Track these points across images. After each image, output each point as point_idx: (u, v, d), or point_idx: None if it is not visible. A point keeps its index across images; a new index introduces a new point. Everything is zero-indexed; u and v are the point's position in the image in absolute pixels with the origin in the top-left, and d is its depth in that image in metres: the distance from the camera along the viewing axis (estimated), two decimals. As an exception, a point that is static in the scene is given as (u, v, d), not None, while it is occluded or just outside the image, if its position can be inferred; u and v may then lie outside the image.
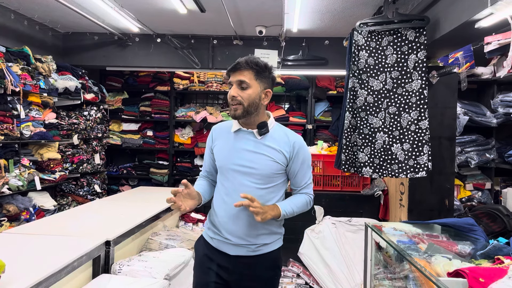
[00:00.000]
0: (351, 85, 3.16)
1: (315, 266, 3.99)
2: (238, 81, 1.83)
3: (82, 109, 4.78)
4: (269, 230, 1.89)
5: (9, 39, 4.00)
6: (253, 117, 1.88)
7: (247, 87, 1.82)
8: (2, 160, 3.47)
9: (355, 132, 3.18)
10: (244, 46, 4.79)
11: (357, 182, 4.24)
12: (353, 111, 3.17)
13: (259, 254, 1.88)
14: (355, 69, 3.13)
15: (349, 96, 3.18)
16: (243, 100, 1.81)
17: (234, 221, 1.87)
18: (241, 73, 1.82)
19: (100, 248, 2.42)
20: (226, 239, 1.88)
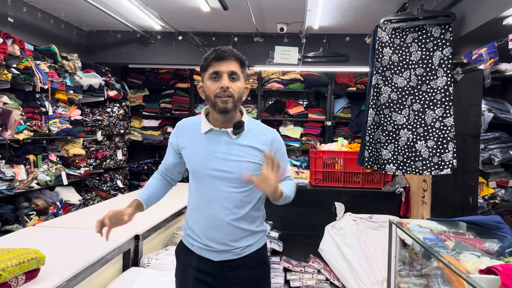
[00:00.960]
0: (374, 82, 3.15)
1: (336, 262, 4.00)
2: (230, 72, 1.62)
3: (105, 105, 4.87)
4: (251, 231, 1.76)
5: (37, 38, 4.09)
6: (235, 112, 1.71)
7: (237, 78, 1.64)
8: (31, 155, 3.56)
9: (378, 129, 3.18)
10: (265, 43, 4.81)
11: (378, 179, 4.23)
12: (377, 108, 3.17)
13: (244, 255, 1.75)
14: (379, 66, 3.13)
15: (372, 93, 3.17)
16: (234, 92, 1.63)
17: (214, 228, 1.72)
18: (230, 63, 1.63)
19: (130, 242, 2.49)
20: (208, 246, 1.73)
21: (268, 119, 5.77)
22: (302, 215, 4.20)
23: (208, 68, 1.64)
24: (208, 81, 1.64)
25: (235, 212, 1.70)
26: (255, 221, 1.78)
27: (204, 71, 1.67)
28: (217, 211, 1.70)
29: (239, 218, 1.71)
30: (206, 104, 1.73)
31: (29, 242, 2.15)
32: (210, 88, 1.63)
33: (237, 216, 1.71)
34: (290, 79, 5.60)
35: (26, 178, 3.46)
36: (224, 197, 1.70)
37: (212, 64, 1.62)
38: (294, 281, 4.01)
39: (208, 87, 1.64)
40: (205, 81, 1.66)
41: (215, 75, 1.62)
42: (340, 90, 5.47)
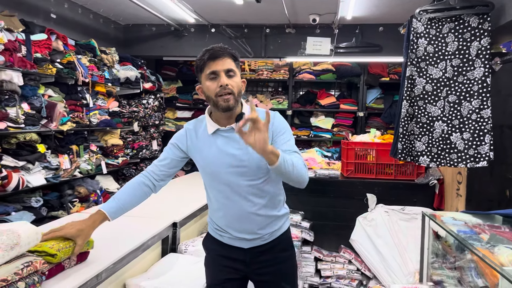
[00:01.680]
0: (408, 74, 3.13)
1: (367, 253, 4.01)
2: (227, 70, 1.64)
3: (141, 97, 5.03)
4: (275, 216, 1.83)
5: (77, 33, 4.27)
6: (237, 107, 1.71)
7: (234, 75, 1.66)
8: (74, 146, 3.75)
9: (412, 121, 3.16)
10: (297, 34, 4.82)
11: (411, 170, 4.19)
12: (411, 100, 3.15)
13: (271, 240, 1.84)
14: (413, 57, 3.10)
15: (406, 84, 3.15)
16: (233, 88, 1.64)
17: (241, 221, 1.79)
18: (225, 60, 1.64)
19: (168, 229, 2.61)
20: (238, 237, 1.82)
21: (299, 110, 5.79)
22: (333, 206, 4.23)
23: (204, 69, 1.65)
24: (207, 81, 1.65)
25: (257, 203, 1.77)
26: (277, 206, 1.85)
27: (201, 72, 1.68)
28: (241, 205, 1.77)
29: (262, 206, 1.78)
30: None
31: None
32: (210, 88, 1.64)
33: (260, 205, 1.78)
34: (321, 69, 5.59)
35: (70, 167, 3.65)
36: (244, 190, 1.75)
37: (208, 64, 1.64)
38: (325, 270, 4.06)
39: (207, 87, 1.66)
40: (204, 82, 1.67)
41: (212, 75, 1.63)
42: (373, 80, 5.41)
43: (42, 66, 3.24)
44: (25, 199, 3.27)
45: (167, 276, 2.26)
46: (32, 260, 1.53)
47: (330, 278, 4.04)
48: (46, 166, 3.38)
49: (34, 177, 3.21)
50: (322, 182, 4.18)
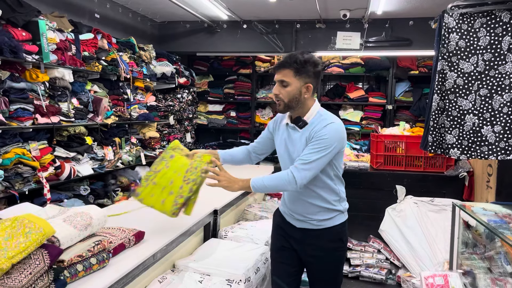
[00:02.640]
0: (440, 68, 3.18)
1: (396, 243, 4.10)
2: (279, 80, 1.98)
3: (176, 92, 5.23)
4: (324, 208, 2.05)
5: (117, 31, 4.50)
6: (296, 110, 2.02)
7: (287, 85, 1.95)
8: (117, 138, 3.98)
9: (443, 114, 3.22)
10: (327, 29, 4.91)
11: (441, 163, 4.25)
12: (442, 94, 3.20)
13: (322, 228, 2.06)
14: (445, 52, 3.15)
15: (437, 78, 3.20)
16: (283, 97, 1.97)
17: (293, 202, 2.11)
18: (281, 72, 1.97)
19: (209, 216, 2.80)
20: (291, 215, 2.13)
21: (328, 103, 5.88)
22: (363, 197, 4.33)
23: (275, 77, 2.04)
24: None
25: (305, 193, 2.05)
26: (326, 200, 2.07)
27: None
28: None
29: (311, 196, 2.05)
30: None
31: (128, 215, 2.51)
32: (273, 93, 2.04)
33: (309, 195, 2.05)
34: (350, 63, 5.66)
35: (113, 158, 3.89)
36: None
37: (275, 73, 2.02)
38: (354, 259, 4.18)
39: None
40: None
41: (274, 83, 2.03)
42: (402, 73, 5.45)
43: (90, 64, 3.47)
44: (75, 188, 3.51)
45: (210, 259, 2.44)
46: (101, 239, 1.74)
47: (359, 266, 4.16)
48: (93, 157, 3.62)
49: (83, 167, 3.45)
50: (352, 174, 4.28)
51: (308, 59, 1.94)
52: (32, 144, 2.98)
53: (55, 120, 3.12)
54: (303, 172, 1.91)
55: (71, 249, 1.60)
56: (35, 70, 2.94)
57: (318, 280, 2.16)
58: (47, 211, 1.78)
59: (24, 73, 2.92)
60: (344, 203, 2.15)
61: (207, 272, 2.26)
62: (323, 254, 2.08)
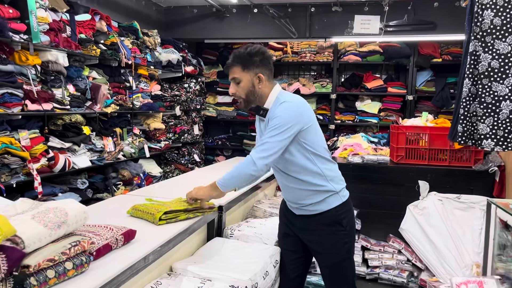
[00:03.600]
0: (472, 49, 2.87)
1: (419, 243, 3.80)
2: (232, 79, 2.00)
3: (182, 81, 4.97)
4: (312, 191, 2.04)
5: (120, 15, 4.24)
6: (257, 102, 2.05)
7: (239, 81, 1.99)
8: (118, 128, 3.74)
9: (475, 101, 2.90)
10: (344, 12, 4.59)
11: (468, 156, 3.90)
12: (474, 78, 2.89)
13: (318, 213, 2.07)
14: (478, 31, 2.83)
15: (469, 61, 2.89)
16: (240, 94, 2.01)
17: (284, 190, 2.20)
18: (230, 70, 2.00)
19: (214, 213, 2.51)
20: (289, 204, 2.20)
21: (344, 93, 5.56)
22: (381, 193, 4.02)
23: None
24: None
25: (287, 177, 2.09)
26: (310, 183, 2.04)
27: None
28: (280, 178, 2.16)
29: (294, 182, 2.06)
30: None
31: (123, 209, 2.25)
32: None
33: (292, 181, 2.07)
34: (368, 51, 5.32)
35: (114, 150, 3.64)
36: (276, 164, 2.09)
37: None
38: (372, 260, 3.88)
39: None
40: None
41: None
42: (424, 61, 5.11)
43: (87, 47, 3.21)
44: (72, 181, 3.28)
45: (213, 260, 2.17)
46: (80, 240, 1.47)
47: (378, 268, 3.86)
48: (91, 148, 3.38)
49: (80, 159, 3.21)
50: (370, 168, 3.98)
51: (251, 51, 1.98)
52: (22, 133, 2.74)
53: (47, 107, 2.88)
54: (261, 153, 1.93)
55: (40, 252, 1.33)
56: (24, 52, 2.70)
57: (324, 267, 2.19)
58: (17, 205, 1.52)
59: (13, 55, 2.67)
60: (335, 182, 2.09)
61: (208, 277, 1.98)
62: (321, 239, 2.11)
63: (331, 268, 2.16)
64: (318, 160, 2.05)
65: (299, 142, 1.99)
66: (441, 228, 3.74)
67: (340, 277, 2.16)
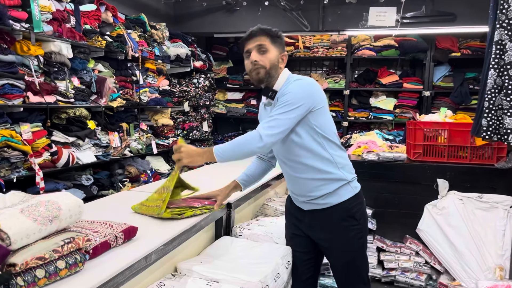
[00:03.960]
0: (497, 38, 2.71)
1: (437, 245, 3.62)
2: (258, 46, 1.82)
3: (191, 76, 4.85)
4: (322, 179, 1.90)
5: (127, 7, 4.13)
6: (273, 81, 1.88)
7: (266, 50, 1.82)
8: (124, 123, 3.62)
9: (501, 93, 2.74)
10: (358, 4, 4.41)
11: (490, 154, 3.70)
12: (500, 68, 2.72)
13: (328, 206, 1.92)
14: (503, 19, 2.67)
15: (494, 51, 2.73)
16: (265, 63, 1.82)
17: (291, 182, 2.02)
18: (257, 38, 1.82)
19: (222, 210, 2.38)
20: (296, 197, 2.04)
21: (358, 89, 5.39)
22: (398, 192, 3.85)
23: (244, 49, 1.87)
24: (245, 60, 1.86)
25: (295, 166, 1.93)
26: (320, 170, 1.89)
27: (242, 52, 1.89)
28: (285, 169, 2.01)
29: (302, 170, 1.91)
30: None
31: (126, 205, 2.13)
32: (246, 65, 1.86)
33: (300, 169, 1.91)
34: (383, 45, 5.14)
35: (120, 146, 3.53)
36: (282, 155, 1.96)
37: (245, 44, 1.85)
38: (388, 262, 3.71)
39: (245, 64, 1.87)
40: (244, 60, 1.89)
41: (247, 53, 1.84)
42: (442, 56, 4.91)
43: (92, 38, 3.10)
44: (76, 177, 3.17)
45: (220, 261, 2.03)
46: (75, 236, 1.34)
47: (394, 270, 3.68)
48: (96, 143, 3.27)
49: (84, 154, 3.10)
50: (386, 166, 3.81)
51: (277, 32, 1.88)
52: (24, 126, 2.63)
53: (50, 99, 2.77)
54: (269, 130, 1.78)
55: (28, 249, 1.20)
56: (26, 42, 2.60)
57: (337, 266, 2.05)
58: (7, 198, 1.40)
59: (14, 44, 2.57)
60: (346, 170, 1.94)
61: (215, 278, 1.84)
62: (333, 235, 1.96)
63: (345, 266, 2.02)
64: (328, 145, 1.91)
65: (309, 123, 1.86)
66: (462, 228, 3.56)
67: (355, 275, 2.03)
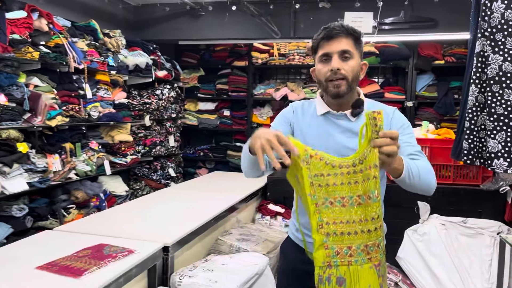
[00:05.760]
0: (479, 49, 2.41)
1: (418, 275, 3.31)
2: (341, 51, 1.48)
3: (154, 87, 4.47)
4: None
5: (76, 13, 3.75)
6: (351, 94, 1.55)
7: (350, 57, 1.49)
8: (68, 144, 3.24)
9: (483, 112, 2.43)
10: (332, 9, 4.09)
11: (475, 173, 3.41)
12: (481, 84, 2.43)
13: None
14: (486, 27, 2.38)
15: (476, 64, 2.43)
16: (347, 73, 1.49)
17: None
18: (340, 41, 1.48)
19: (156, 257, 2.01)
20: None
21: (336, 100, 5.05)
22: (376, 215, 3.51)
23: (318, 50, 1.53)
24: (319, 64, 1.53)
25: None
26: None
27: (314, 53, 1.57)
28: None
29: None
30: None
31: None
32: (321, 72, 1.52)
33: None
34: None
35: (62, 169, 3.14)
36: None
37: (321, 45, 1.51)
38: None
39: (318, 70, 1.54)
40: (316, 64, 1.56)
41: (325, 57, 1.51)
42: (425, 64, 4.60)
43: (20, 50, 2.72)
44: (5, 208, 2.79)
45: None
46: None
47: (371, 304, 3.34)
48: (30, 168, 2.88)
49: (13, 182, 2.72)
50: (362, 187, 3.48)
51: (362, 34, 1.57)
52: None
53: (-35, 122, 2.38)
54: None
55: None
56: None
57: None
58: None
59: None
60: None
61: None
62: None
63: None
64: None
65: None
66: (445, 257, 3.26)
67: None
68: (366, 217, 1.18)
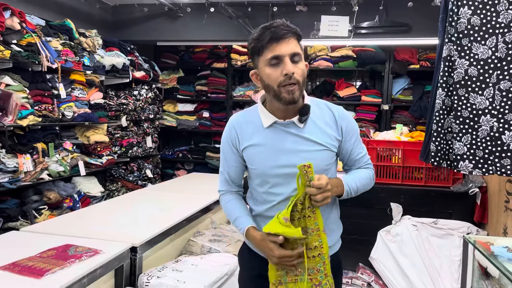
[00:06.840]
0: (446, 54, 2.45)
1: (390, 275, 3.35)
2: (292, 54, 1.37)
3: (132, 88, 4.44)
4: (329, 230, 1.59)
5: (51, 12, 3.71)
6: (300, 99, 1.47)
7: (299, 60, 1.40)
8: (40, 144, 3.20)
9: (450, 115, 2.48)
10: (309, 12, 4.13)
11: (446, 175, 3.46)
12: (448, 88, 2.47)
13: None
14: (453, 32, 2.42)
15: (443, 68, 2.47)
16: (299, 77, 1.39)
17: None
18: (289, 41, 1.37)
19: (123, 257, 2.00)
20: None
21: (315, 102, 5.09)
22: (350, 216, 3.49)
23: (264, 52, 1.38)
24: (267, 68, 1.39)
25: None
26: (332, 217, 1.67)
27: (258, 55, 1.40)
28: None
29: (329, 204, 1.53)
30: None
31: None
32: (271, 76, 1.38)
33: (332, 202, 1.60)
34: (340, 56, 4.87)
35: (34, 169, 3.10)
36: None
37: (269, 47, 1.36)
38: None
39: (267, 75, 1.39)
40: (262, 67, 1.41)
41: (275, 60, 1.37)
42: (400, 68, 4.68)
43: (-11, 48, 2.68)
44: (-27, 209, 2.73)
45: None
46: None
47: (344, 304, 3.38)
48: (0, 168, 2.83)
49: (-20, 183, 2.66)
50: (337, 188, 3.52)
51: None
52: None
53: None
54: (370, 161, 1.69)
55: None
56: None
57: None
58: None
59: None
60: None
61: None
62: None
63: None
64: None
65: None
66: (416, 258, 3.30)
67: None
68: (309, 247, 1.40)
